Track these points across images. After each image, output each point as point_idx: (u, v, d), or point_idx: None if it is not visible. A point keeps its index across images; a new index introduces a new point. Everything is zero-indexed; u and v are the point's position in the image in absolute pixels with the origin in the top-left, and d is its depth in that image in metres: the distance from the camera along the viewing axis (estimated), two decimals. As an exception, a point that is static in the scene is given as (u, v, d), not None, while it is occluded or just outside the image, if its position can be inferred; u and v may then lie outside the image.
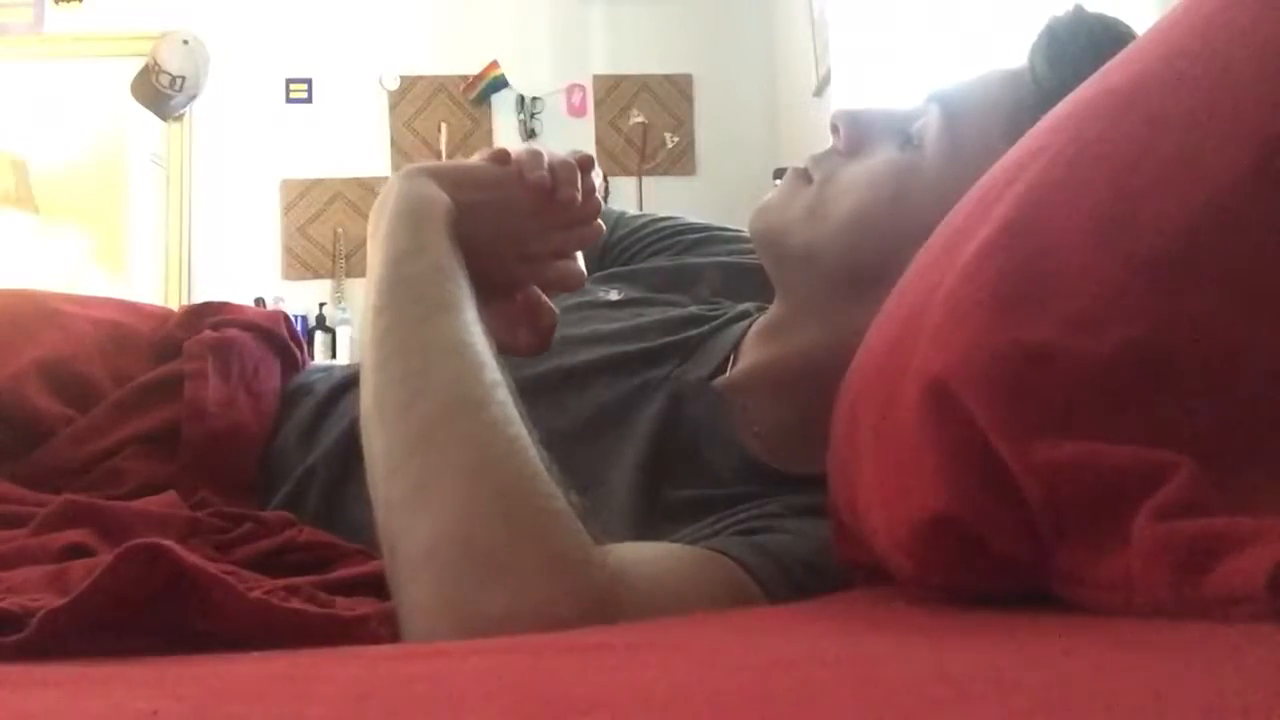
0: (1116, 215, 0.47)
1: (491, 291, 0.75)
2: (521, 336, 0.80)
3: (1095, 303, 0.46)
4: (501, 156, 0.79)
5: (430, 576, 0.55)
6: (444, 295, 0.67)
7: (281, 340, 1.02)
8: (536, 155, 0.78)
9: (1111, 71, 0.56)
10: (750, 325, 0.90)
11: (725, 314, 0.95)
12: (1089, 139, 0.52)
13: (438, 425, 0.60)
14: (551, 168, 0.78)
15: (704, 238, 1.10)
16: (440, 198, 0.73)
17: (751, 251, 1.02)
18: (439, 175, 0.76)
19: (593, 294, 0.98)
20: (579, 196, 0.79)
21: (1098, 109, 0.53)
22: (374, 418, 0.62)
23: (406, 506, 0.58)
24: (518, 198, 0.77)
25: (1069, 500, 0.43)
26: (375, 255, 0.70)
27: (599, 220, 0.82)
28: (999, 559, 0.46)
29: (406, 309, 0.66)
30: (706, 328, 0.93)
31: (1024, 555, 0.45)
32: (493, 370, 0.63)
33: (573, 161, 0.79)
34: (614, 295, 0.98)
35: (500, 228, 0.77)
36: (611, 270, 1.06)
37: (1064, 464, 0.43)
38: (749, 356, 0.87)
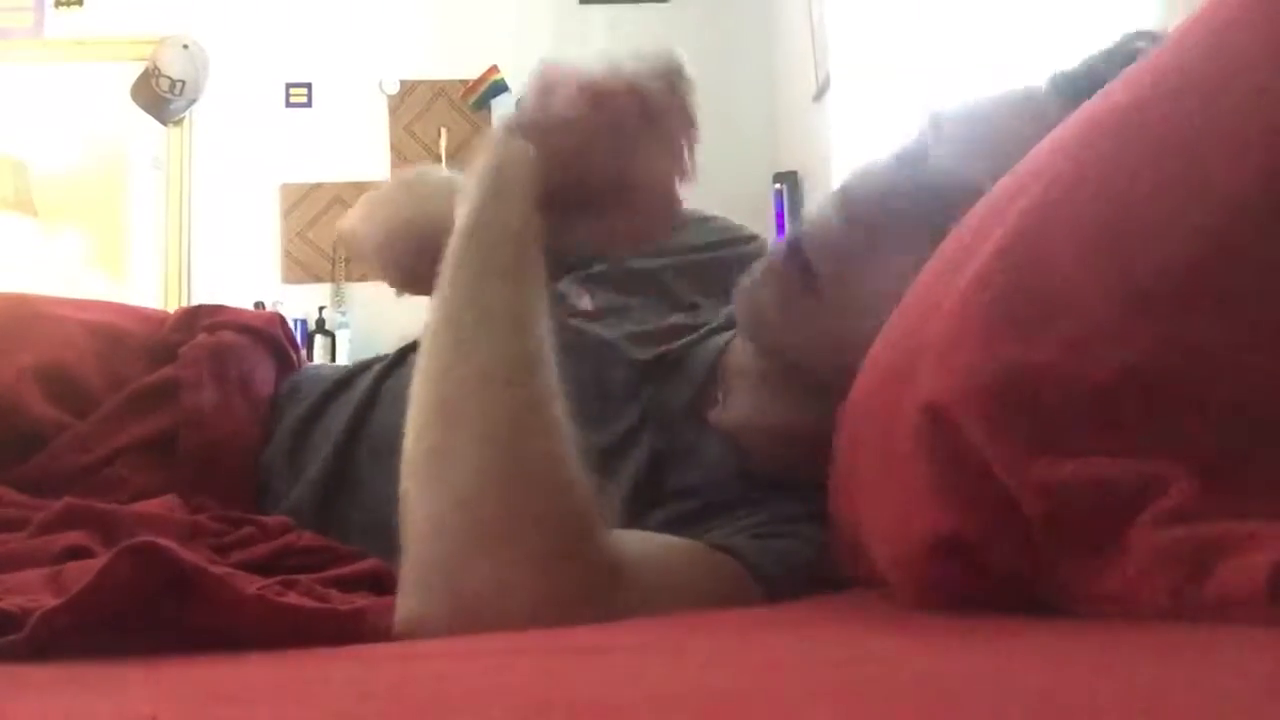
0: (1117, 239, 0.47)
1: (598, 203, 0.74)
2: (643, 228, 0.78)
3: (1095, 327, 0.45)
4: (589, 89, 0.74)
5: (432, 539, 0.57)
6: (510, 262, 0.67)
7: (277, 342, 1.01)
8: (613, 80, 0.74)
9: (1114, 90, 0.55)
10: (732, 339, 0.86)
11: (705, 324, 0.91)
12: (1090, 159, 0.51)
13: (468, 392, 0.61)
14: (656, 86, 0.74)
15: None
16: (527, 155, 0.72)
17: (717, 243, 0.99)
18: (535, 128, 0.73)
19: (566, 301, 0.94)
20: (673, 103, 0.75)
21: (1100, 129, 0.53)
22: (419, 378, 0.64)
23: (423, 469, 0.60)
24: (613, 128, 0.74)
25: (1069, 515, 0.43)
26: (458, 220, 0.70)
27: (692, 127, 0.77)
28: (1001, 577, 0.46)
29: (470, 276, 0.66)
30: (686, 340, 0.89)
31: (1026, 572, 0.45)
32: (538, 345, 0.63)
33: (664, 68, 0.75)
34: (587, 303, 0.95)
35: (602, 159, 0.74)
36: (585, 272, 0.99)
37: (1063, 480, 0.43)
38: (740, 395, 0.82)
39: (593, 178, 0.76)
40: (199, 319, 1.00)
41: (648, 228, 0.80)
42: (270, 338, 1.01)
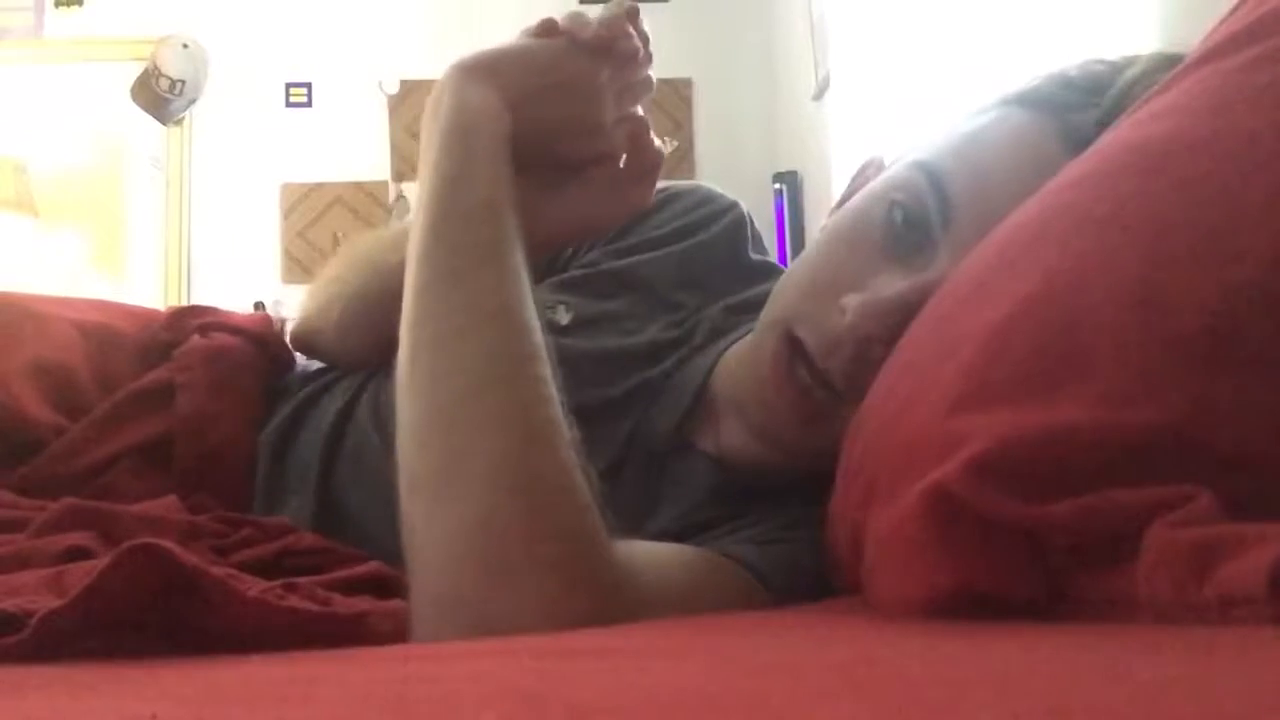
0: (1153, 291, 0.46)
1: (570, 173, 0.72)
2: (626, 196, 0.75)
3: (1130, 382, 0.45)
4: (549, 28, 0.73)
5: (446, 571, 0.55)
6: (489, 240, 0.62)
7: (269, 344, 1.01)
8: (581, 15, 0.72)
9: (1144, 122, 0.54)
10: (720, 354, 0.82)
11: (690, 329, 0.87)
12: (1120, 199, 0.50)
13: (467, 401, 0.58)
14: (602, 24, 0.72)
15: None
16: (493, 108, 0.68)
17: (690, 225, 0.93)
18: (496, 71, 0.70)
19: (541, 314, 0.87)
20: (639, 45, 0.72)
21: (1129, 164, 0.52)
22: (406, 383, 0.60)
23: (429, 490, 0.57)
24: (579, 70, 0.71)
25: (1092, 537, 0.43)
26: (423, 182, 0.66)
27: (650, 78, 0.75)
28: (1017, 608, 0.46)
29: (447, 259, 0.62)
30: (670, 362, 0.84)
31: (1042, 597, 0.45)
32: (530, 338, 0.60)
33: (620, 11, 0.72)
34: (563, 317, 0.88)
35: (568, 106, 0.72)
36: (557, 278, 0.93)
37: (1087, 509, 0.43)
38: (736, 434, 0.78)
39: (566, 129, 0.71)
40: (190, 318, 0.99)
41: (634, 194, 0.75)
42: (263, 340, 1.00)
